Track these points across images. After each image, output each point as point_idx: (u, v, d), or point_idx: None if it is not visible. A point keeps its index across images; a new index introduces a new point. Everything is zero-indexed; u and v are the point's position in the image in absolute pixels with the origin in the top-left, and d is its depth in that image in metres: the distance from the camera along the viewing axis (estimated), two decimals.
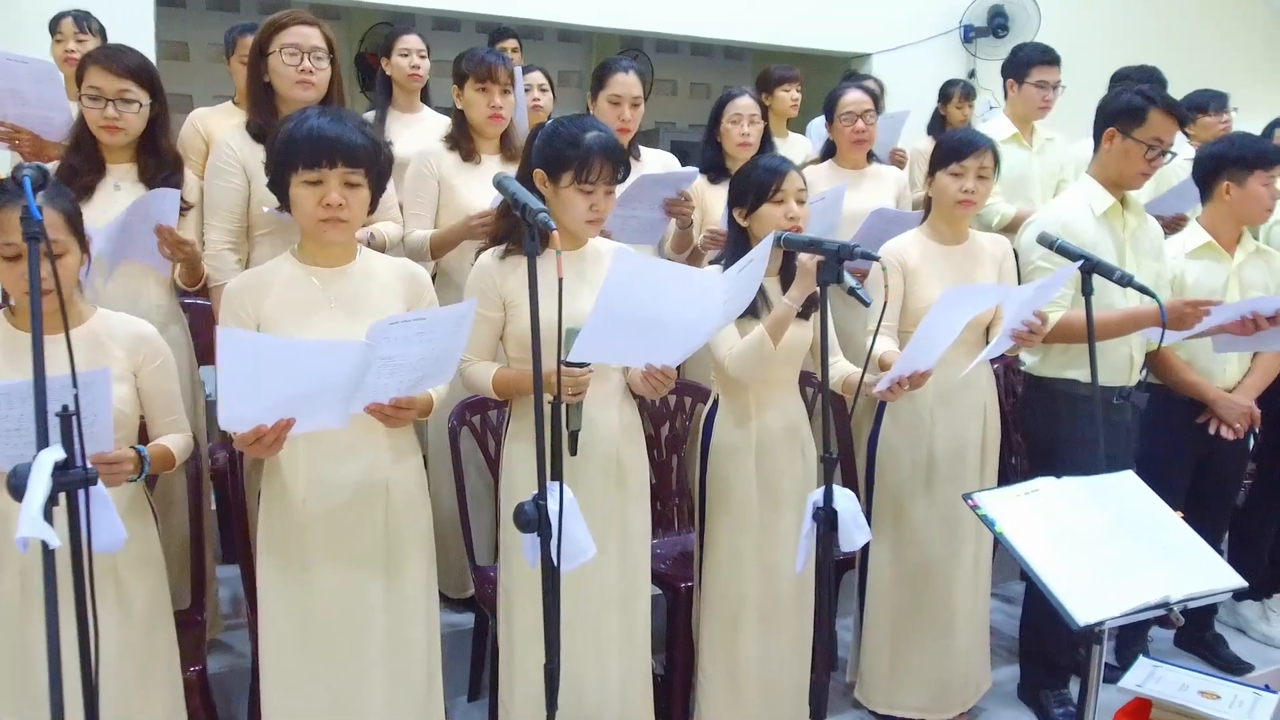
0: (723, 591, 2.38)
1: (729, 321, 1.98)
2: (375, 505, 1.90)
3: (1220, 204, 2.80)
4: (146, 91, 2.30)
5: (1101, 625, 1.72)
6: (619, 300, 1.69)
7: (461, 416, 2.58)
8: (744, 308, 1.97)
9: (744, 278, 1.82)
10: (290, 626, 1.89)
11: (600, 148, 1.97)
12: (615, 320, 1.72)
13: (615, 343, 1.80)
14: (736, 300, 1.88)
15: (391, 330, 1.55)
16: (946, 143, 2.50)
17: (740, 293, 1.86)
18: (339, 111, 1.85)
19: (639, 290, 1.70)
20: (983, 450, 2.58)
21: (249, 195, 2.41)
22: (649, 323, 1.77)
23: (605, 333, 1.74)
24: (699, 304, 1.79)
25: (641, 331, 1.79)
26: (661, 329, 1.81)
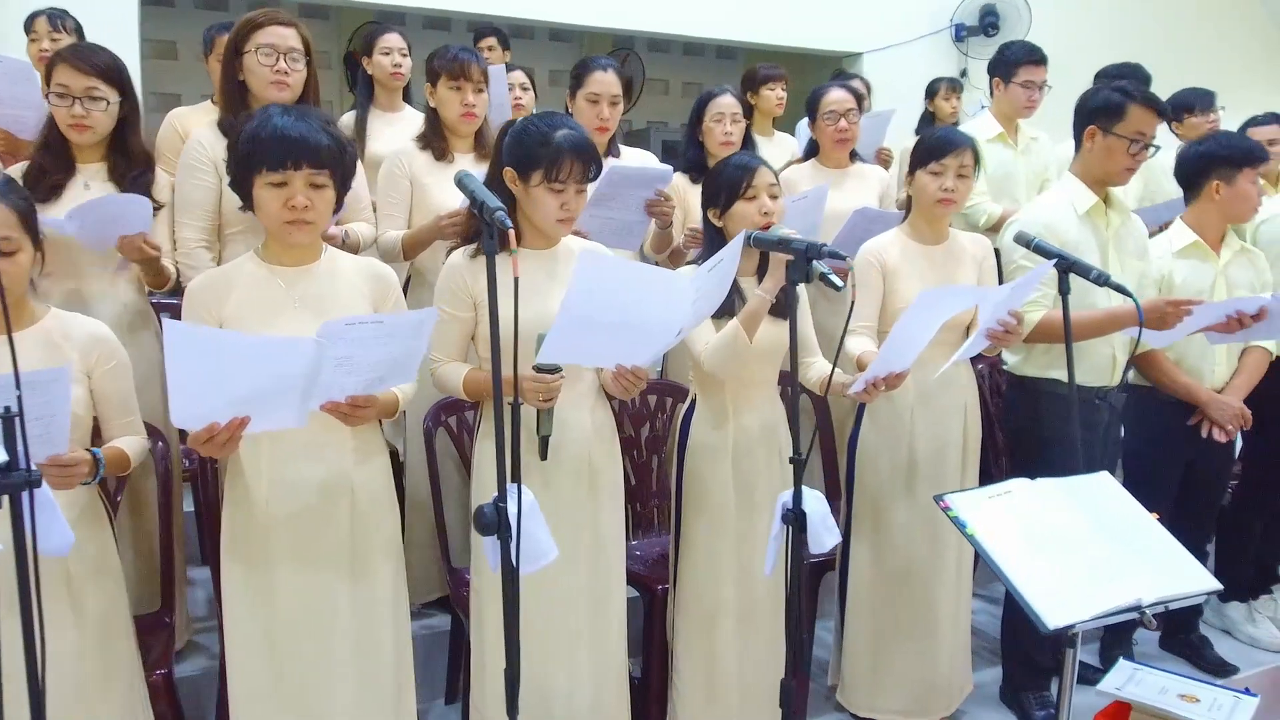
0: (698, 593, 2.35)
1: (700, 322, 1.95)
2: (340, 506, 1.88)
3: (1208, 203, 2.77)
4: (115, 90, 2.28)
5: (1072, 628, 1.70)
6: (585, 301, 1.67)
7: (437, 418, 2.56)
8: (716, 307, 1.95)
9: (714, 277, 1.80)
10: (255, 630, 1.87)
11: (570, 146, 1.95)
12: (582, 321, 1.71)
13: (583, 344, 1.78)
14: (707, 300, 1.86)
15: (347, 331, 1.54)
16: (926, 141, 2.48)
17: (711, 292, 1.84)
18: (303, 110, 1.83)
19: (605, 291, 1.69)
20: (964, 451, 2.56)
21: (220, 193, 2.39)
22: (617, 324, 1.75)
23: (572, 334, 1.72)
24: (667, 304, 1.77)
25: (609, 332, 1.77)
26: (630, 330, 1.79)
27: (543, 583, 2.07)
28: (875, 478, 2.55)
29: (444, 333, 2.06)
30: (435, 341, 2.07)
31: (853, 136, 3.29)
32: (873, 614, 2.57)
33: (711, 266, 1.77)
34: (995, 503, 1.89)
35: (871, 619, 2.57)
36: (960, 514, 1.85)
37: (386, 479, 1.98)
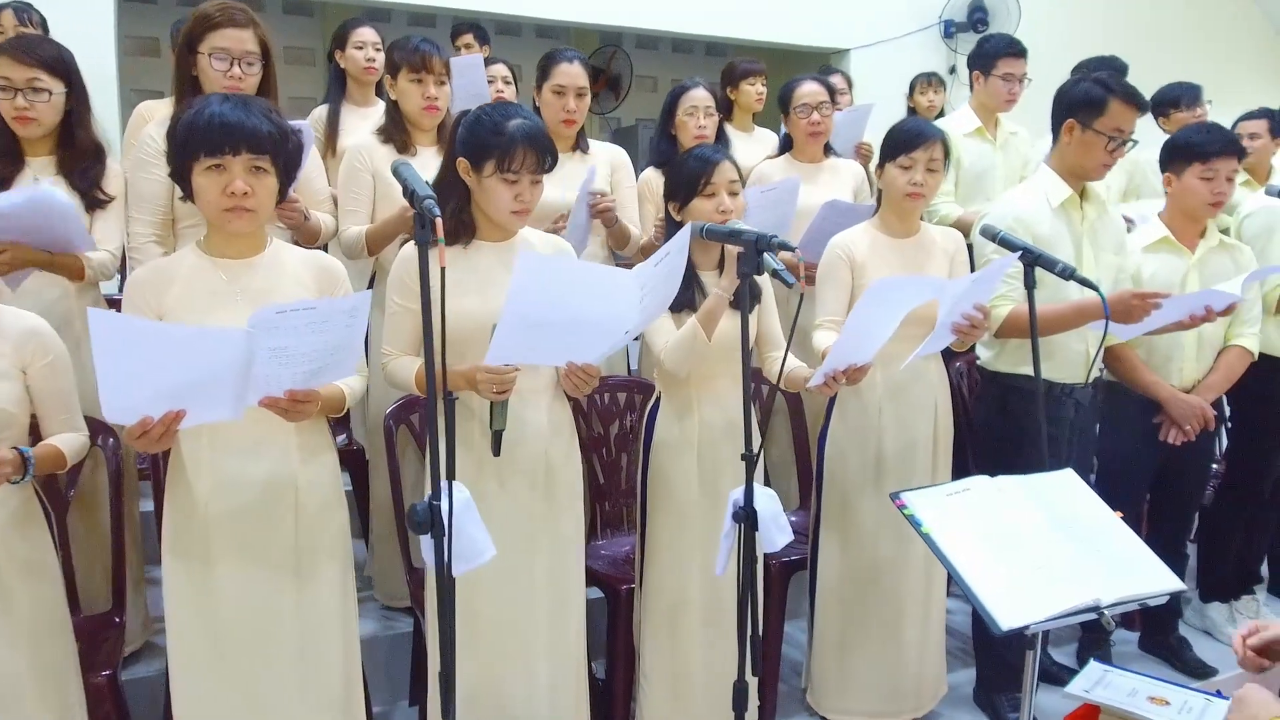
0: (663, 592, 2.32)
1: (651, 317, 1.91)
2: (283, 505, 1.84)
3: (1169, 197, 2.74)
4: (60, 81, 2.24)
5: (1027, 629, 1.66)
6: (528, 300, 1.64)
7: (399, 415, 2.52)
8: (668, 301, 1.91)
9: (661, 271, 1.75)
10: (198, 631, 1.83)
11: (524, 135, 1.91)
12: (527, 320, 1.67)
13: (530, 342, 1.74)
14: (657, 295, 1.82)
15: (278, 319, 1.50)
16: (895, 134, 2.43)
17: (659, 287, 1.80)
18: (243, 98, 1.79)
19: (547, 289, 1.65)
20: (934, 448, 2.52)
21: (173, 187, 2.34)
22: (562, 322, 1.72)
23: (518, 334, 1.69)
24: (612, 301, 1.73)
25: (556, 331, 1.73)
26: (577, 327, 1.75)
27: (499, 585, 2.04)
28: (844, 474, 2.51)
29: (396, 326, 2.03)
30: (387, 335, 2.04)
31: (826, 130, 3.25)
32: (840, 613, 2.53)
33: (658, 260, 1.72)
34: (953, 501, 1.85)
35: (839, 618, 2.53)
36: (916, 512, 1.81)
37: (333, 478, 1.94)
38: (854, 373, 2.05)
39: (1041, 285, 2.48)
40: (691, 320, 2.10)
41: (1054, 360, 2.53)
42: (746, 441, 1.82)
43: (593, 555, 2.71)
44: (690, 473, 2.27)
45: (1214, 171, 2.65)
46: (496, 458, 1.99)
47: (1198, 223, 2.76)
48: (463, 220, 2.02)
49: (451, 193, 2.02)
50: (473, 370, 1.85)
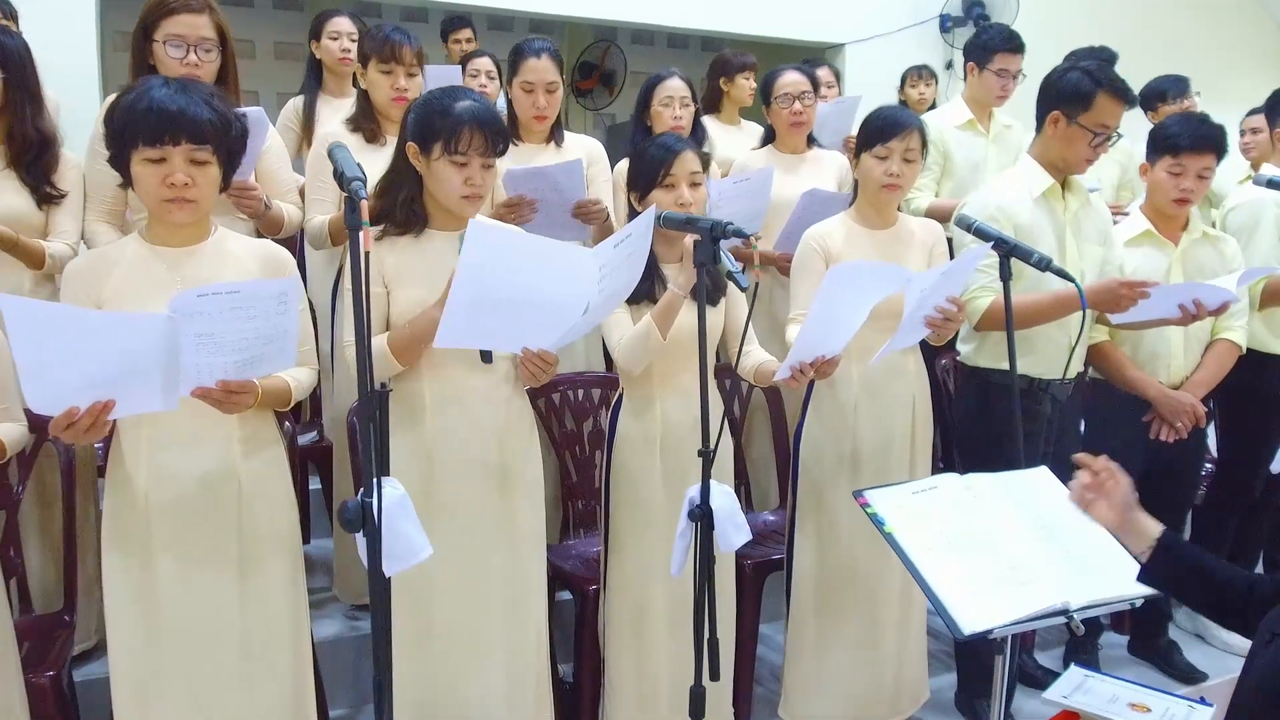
0: (628, 593, 2.25)
1: (612, 301, 1.83)
2: (226, 500, 1.79)
3: (1147, 188, 2.67)
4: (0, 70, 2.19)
5: (990, 633, 1.59)
6: (478, 277, 1.57)
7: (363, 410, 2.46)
8: (629, 285, 1.83)
9: (620, 253, 1.68)
10: (137, 628, 1.78)
11: (471, 117, 1.85)
12: (476, 300, 1.61)
13: (481, 323, 1.68)
14: (616, 277, 1.73)
15: (200, 303, 1.44)
16: (871, 123, 2.36)
17: (620, 268, 1.72)
18: (185, 83, 1.73)
19: (499, 265, 1.59)
20: (912, 444, 2.44)
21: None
22: (516, 302, 1.65)
23: (467, 314, 1.62)
24: (568, 279, 1.66)
25: (508, 311, 1.67)
26: (531, 308, 1.68)
27: (452, 585, 1.98)
28: (819, 473, 2.44)
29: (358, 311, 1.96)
30: (350, 323, 1.96)
31: (808, 120, 3.18)
32: (815, 615, 2.46)
33: (617, 242, 1.66)
34: (919, 499, 1.79)
35: (814, 621, 2.46)
36: (879, 511, 1.75)
37: (279, 472, 1.88)
38: (824, 365, 1.98)
39: (1022, 277, 2.43)
40: (646, 318, 2.04)
41: (1036, 354, 2.46)
42: (704, 438, 1.76)
43: (564, 555, 2.65)
44: (653, 470, 2.20)
45: (1182, 167, 2.57)
46: (452, 454, 1.94)
47: (1177, 215, 2.68)
48: (414, 210, 1.96)
49: (403, 181, 1.97)
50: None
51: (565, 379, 2.74)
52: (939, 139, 3.38)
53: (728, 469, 2.34)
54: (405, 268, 1.94)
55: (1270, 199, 2.88)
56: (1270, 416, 2.96)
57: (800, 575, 2.49)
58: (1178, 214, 2.68)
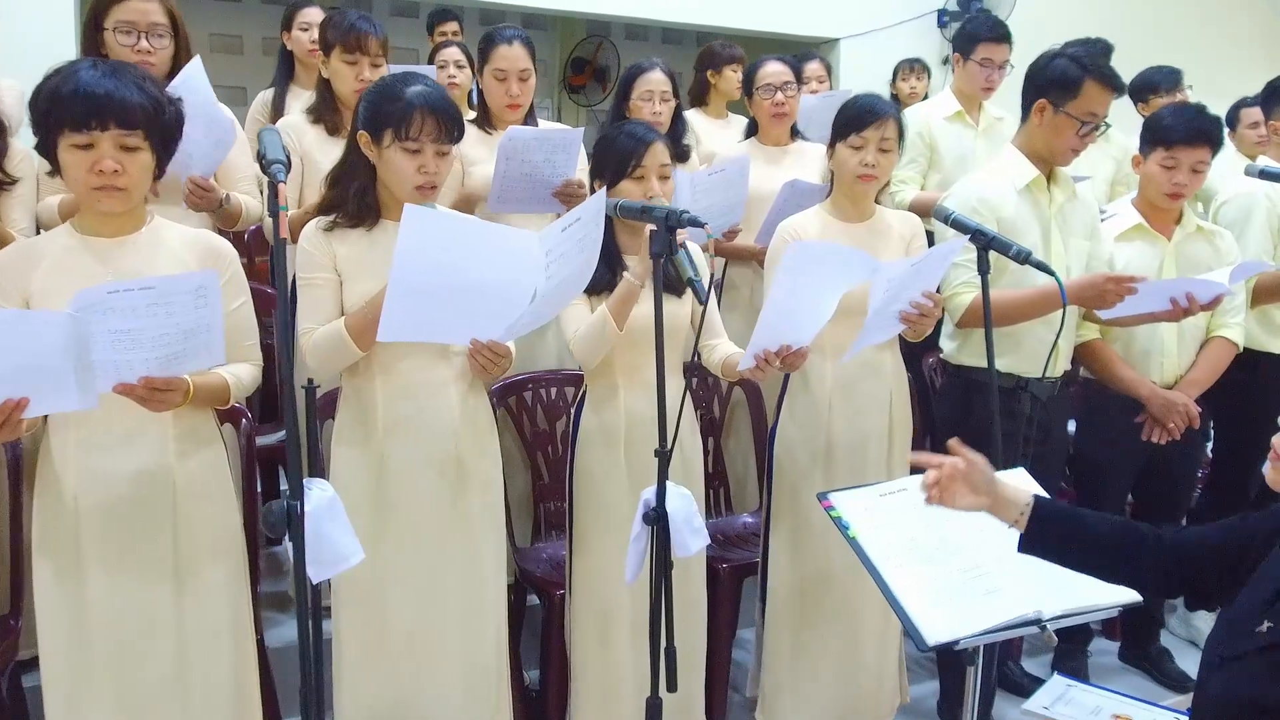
0: (592, 598, 2.17)
1: (563, 290, 1.73)
2: (160, 502, 1.71)
3: (1140, 181, 2.58)
4: None
5: (956, 644, 1.51)
6: (416, 264, 1.50)
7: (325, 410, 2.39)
8: (580, 272, 1.73)
9: (569, 238, 1.59)
10: (67, 635, 1.70)
11: (423, 101, 1.78)
12: (417, 289, 1.53)
13: (424, 316, 1.60)
14: (567, 264, 1.65)
15: (111, 299, 1.36)
16: (845, 112, 2.28)
17: (570, 256, 1.63)
18: (116, 65, 1.66)
19: (437, 251, 1.51)
20: (889, 444, 2.36)
21: None
22: (459, 290, 1.58)
23: (409, 304, 1.55)
24: (512, 264, 1.58)
25: (452, 301, 1.59)
26: (475, 297, 1.61)
27: (405, 589, 1.91)
28: (793, 473, 2.36)
29: (313, 301, 1.88)
30: (304, 313, 1.89)
31: (790, 111, 3.10)
32: (791, 620, 2.38)
33: (565, 226, 1.57)
34: (886, 502, 1.71)
35: (790, 625, 2.38)
36: (843, 514, 1.67)
37: (218, 473, 1.80)
38: (790, 356, 1.89)
39: (1006, 272, 2.34)
40: (602, 309, 1.96)
41: (1021, 352, 2.37)
42: (661, 436, 1.68)
43: (534, 559, 2.57)
44: (618, 470, 2.12)
45: (1175, 160, 2.48)
46: (404, 458, 1.86)
47: (1170, 209, 2.59)
48: (366, 201, 1.88)
49: (356, 172, 1.89)
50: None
51: (536, 377, 2.66)
52: (925, 131, 3.30)
53: (696, 469, 2.26)
54: (357, 260, 1.86)
55: (1262, 192, 2.79)
56: (1265, 416, 2.86)
57: (775, 578, 2.41)
58: (1170, 208, 2.59)
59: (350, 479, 1.91)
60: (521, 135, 2.46)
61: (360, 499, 1.90)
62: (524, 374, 2.61)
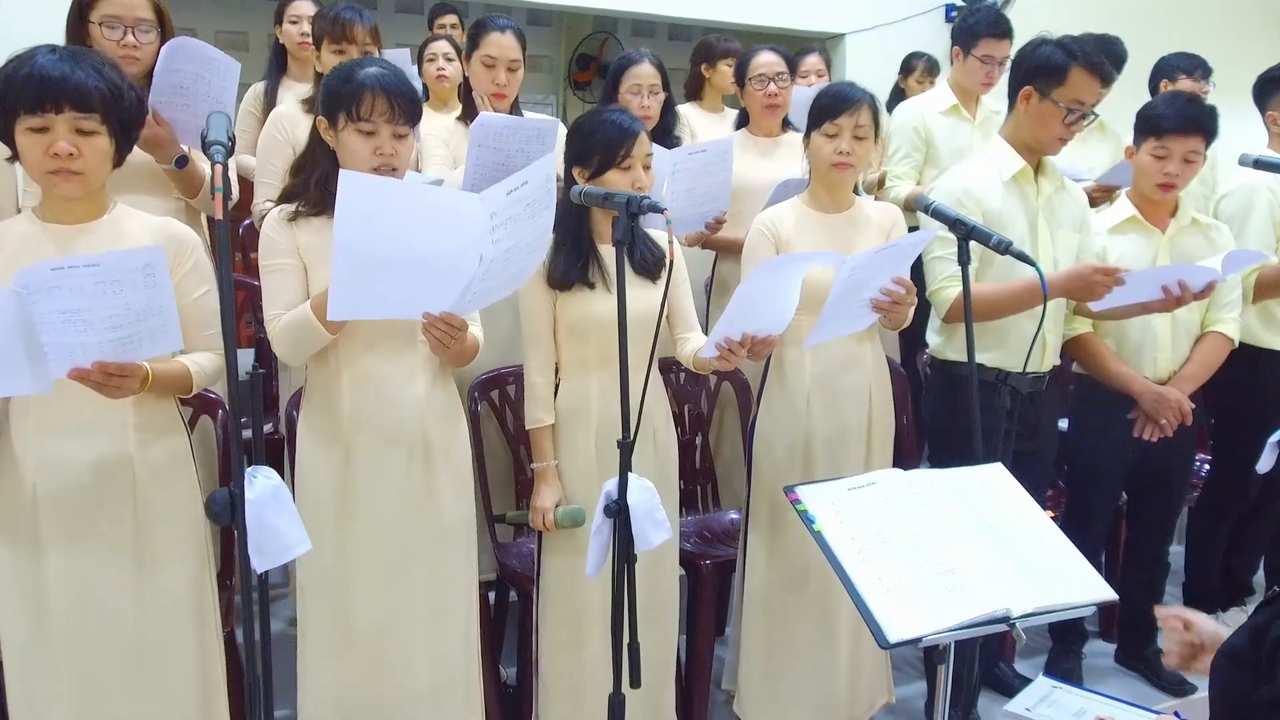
0: (561, 594, 2.14)
1: (514, 256, 1.67)
2: (119, 491, 1.69)
3: (1134, 171, 2.52)
4: None
5: (919, 641, 1.46)
6: (357, 232, 1.46)
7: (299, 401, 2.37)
8: (537, 245, 1.70)
9: (515, 202, 1.55)
10: (26, 624, 1.69)
11: (374, 82, 1.75)
12: (361, 258, 1.50)
13: (372, 290, 1.57)
14: (515, 230, 1.59)
15: (56, 277, 1.34)
16: (820, 99, 2.24)
17: (519, 221, 1.58)
18: (75, 51, 1.64)
19: (376, 218, 1.48)
20: (868, 439, 2.31)
21: None
22: (403, 260, 1.53)
23: (355, 279, 1.51)
24: (458, 229, 1.53)
25: (399, 272, 1.55)
26: (421, 265, 1.56)
27: (371, 580, 1.89)
28: (772, 468, 2.31)
29: (278, 286, 1.85)
30: (270, 299, 1.87)
31: (783, 103, 3.05)
32: (768, 617, 2.34)
33: (510, 189, 1.52)
34: (854, 496, 1.66)
35: (766, 623, 2.34)
36: (809, 508, 1.62)
37: (180, 462, 1.78)
38: (757, 345, 1.85)
39: (993, 264, 2.30)
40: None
41: (1007, 346, 2.32)
42: (624, 427, 1.64)
43: (515, 554, 2.55)
44: (588, 465, 2.08)
45: (1166, 149, 2.42)
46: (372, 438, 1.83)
47: (1164, 201, 2.53)
48: (328, 189, 1.84)
49: (318, 160, 1.87)
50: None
51: (517, 370, 2.62)
52: (921, 126, 3.26)
53: (671, 463, 2.22)
54: (318, 248, 1.84)
55: (1263, 184, 2.72)
56: (1264, 414, 2.80)
57: (753, 578, 2.37)
58: (1164, 199, 2.53)
59: (317, 471, 1.89)
60: (494, 121, 2.43)
61: (327, 491, 1.88)
62: (506, 368, 2.58)
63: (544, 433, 2.08)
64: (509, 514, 2.35)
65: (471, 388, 2.49)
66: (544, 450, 2.08)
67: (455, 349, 1.77)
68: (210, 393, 2.17)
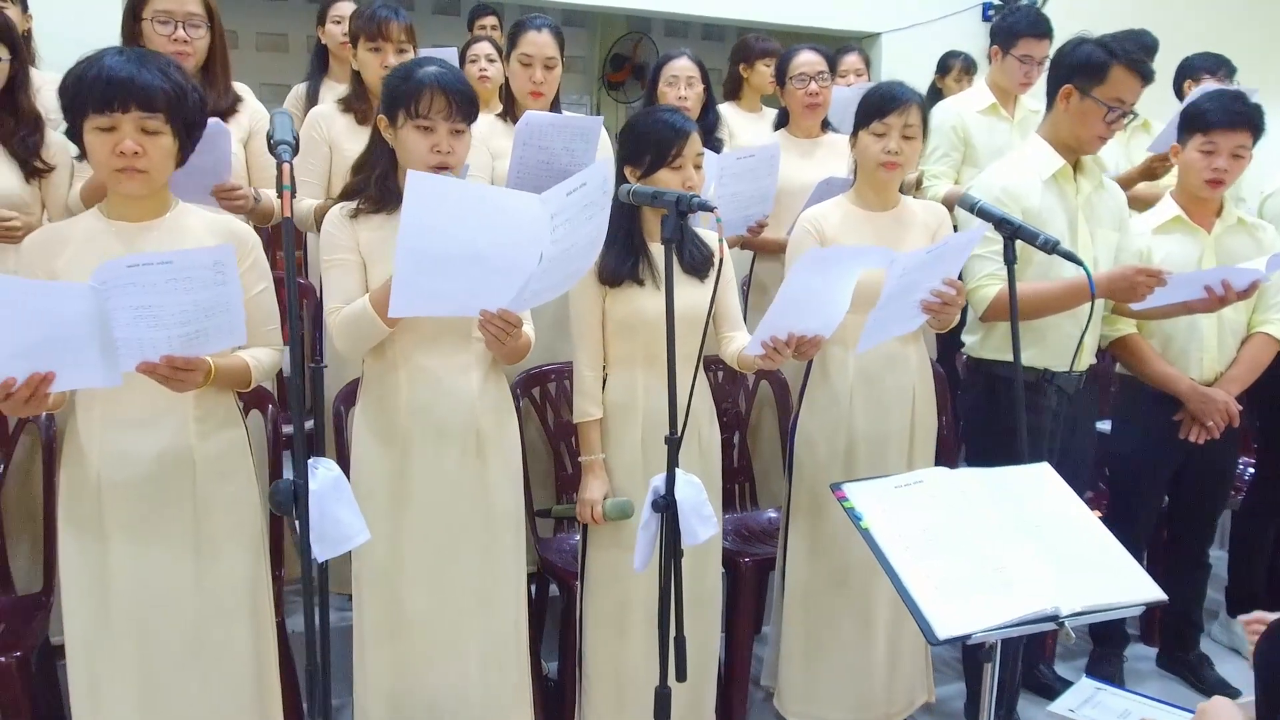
0: (606, 589, 2.16)
1: (571, 255, 1.69)
2: (180, 482, 1.74)
3: (1179, 170, 2.51)
4: (4, 47, 2.18)
5: (968, 638, 1.47)
6: (422, 230, 1.50)
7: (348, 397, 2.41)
8: (593, 243, 1.73)
9: (574, 202, 1.57)
10: (89, 609, 1.74)
11: (433, 80, 1.80)
12: (424, 256, 1.53)
13: (433, 286, 1.60)
14: (573, 230, 1.62)
15: (131, 274, 1.39)
16: (868, 99, 2.24)
17: (577, 222, 1.61)
18: (142, 53, 1.69)
19: (441, 218, 1.51)
20: (910, 439, 2.31)
21: None
22: (466, 258, 1.57)
23: (417, 276, 1.55)
24: (520, 228, 1.56)
25: (459, 269, 1.59)
26: (482, 264, 1.60)
27: (423, 568, 1.93)
28: (813, 467, 2.32)
29: (338, 281, 1.90)
30: (330, 292, 1.92)
31: (824, 102, 3.06)
32: (808, 615, 2.35)
33: (570, 189, 1.55)
34: (902, 494, 1.67)
35: (806, 621, 2.35)
36: (856, 505, 1.63)
37: (239, 455, 1.83)
38: (803, 344, 1.86)
39: (1031, 263, 2.29)
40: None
41: (1045, 344, 2.32)
42: (671, 423, 1.66)
43: (555, 549, 2.57)
44: (634, 460, 2.11)
45: (1214, 145, 2.41)
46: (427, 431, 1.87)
47: (1210, 200, 2.51)
48: (387, 186, 1.90)
49: (378, 158, 1.92)
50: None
51: (559, 367, 2.66)
52: (959, 125, 3.25)
53: (715, 461, 2.23)
54: (378, 245, 1.88)
55: None
56: None
57: (794, 576, 2.38)
58: (1210, 197, 2.51)
59: (372, 462, 1.93)
60: (539, 120, 2.46)
61: (382, 482, 1.92)
62: (548, 365, 2.61)
63: (592, 426, 2.10)
64: (555, 508, 2.38)
65: (514, 384, 2.52)
66: (592, 443, 2.10)
67: (510, 346, 1.80)
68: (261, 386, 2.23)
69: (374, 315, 1.81)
